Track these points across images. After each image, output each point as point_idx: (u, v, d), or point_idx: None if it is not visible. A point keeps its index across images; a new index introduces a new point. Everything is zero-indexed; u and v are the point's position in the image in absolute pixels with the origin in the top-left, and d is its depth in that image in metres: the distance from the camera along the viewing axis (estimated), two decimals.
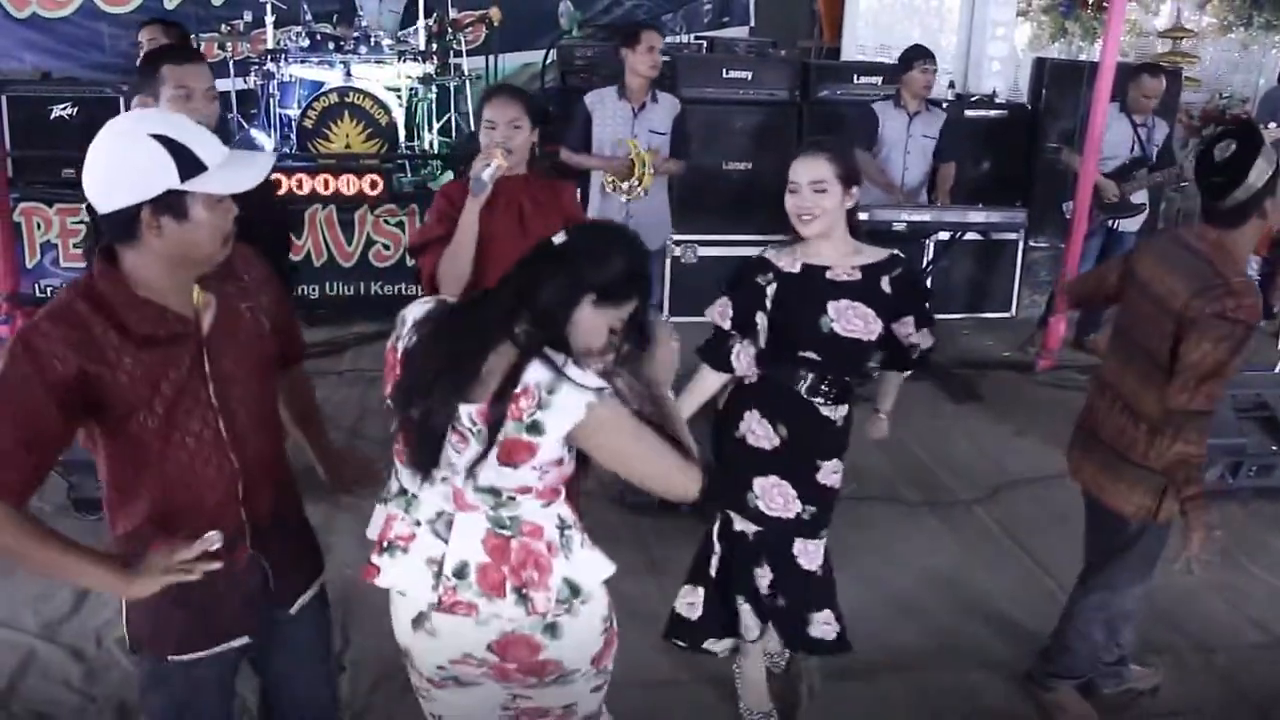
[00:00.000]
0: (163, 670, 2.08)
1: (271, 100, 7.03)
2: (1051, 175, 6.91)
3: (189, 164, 1.78)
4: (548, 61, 8.10)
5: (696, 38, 8.51)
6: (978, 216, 5.82)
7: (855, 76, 7.23)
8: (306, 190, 6.33)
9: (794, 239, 2.82)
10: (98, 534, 3.94)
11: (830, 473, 2.91)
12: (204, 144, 1.82)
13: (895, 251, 2.88)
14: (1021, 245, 7.20)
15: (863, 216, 5.07)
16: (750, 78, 6.87)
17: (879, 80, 7.08)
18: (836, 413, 2.87)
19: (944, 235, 6.04)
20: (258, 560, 2.06)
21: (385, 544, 2.03)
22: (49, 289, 6.33)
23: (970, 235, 6.17)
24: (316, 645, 2.36)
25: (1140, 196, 6.23)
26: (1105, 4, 8.72)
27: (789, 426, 2.85)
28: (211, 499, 1.97)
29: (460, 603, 1.94)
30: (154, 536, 1.91)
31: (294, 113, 6.86)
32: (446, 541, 1.96)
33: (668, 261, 6.71)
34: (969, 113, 7.35)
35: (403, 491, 2.03)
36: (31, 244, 6.29)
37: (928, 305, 2.93)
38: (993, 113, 7.50)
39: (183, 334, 1.89)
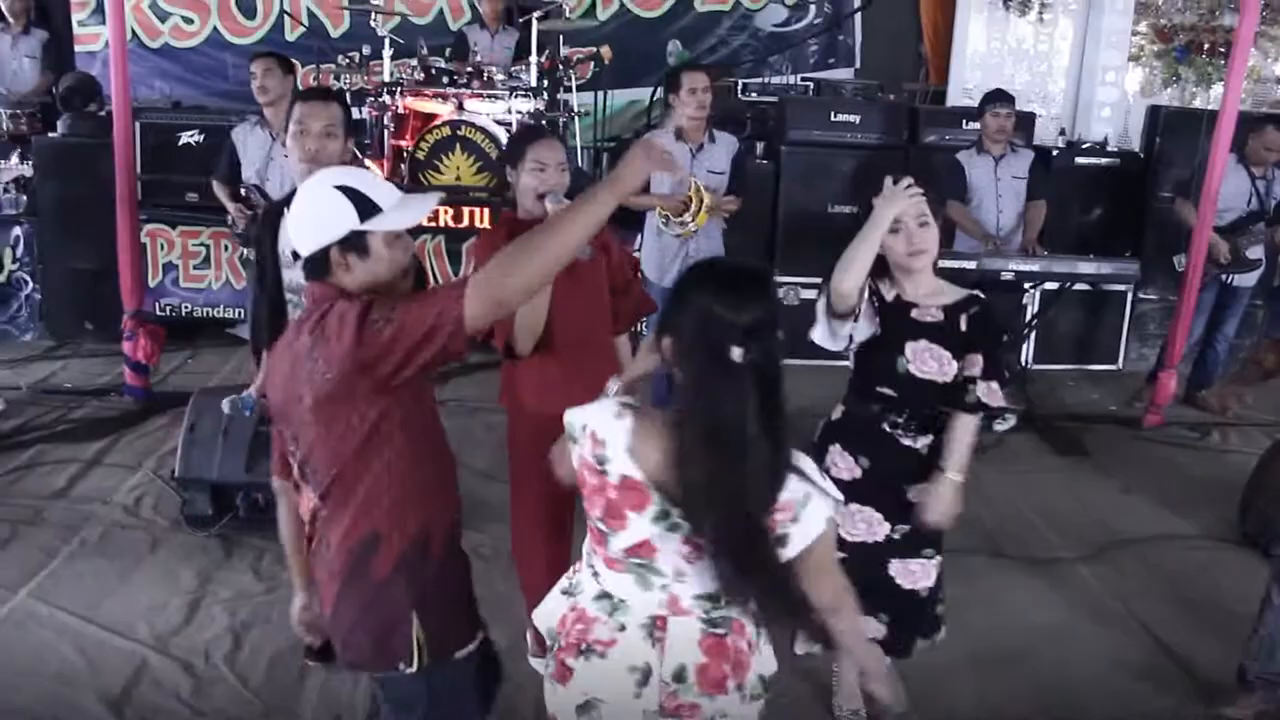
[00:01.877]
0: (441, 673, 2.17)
1: (385, 131, 7.19)
2: (1164, 225, 6.77)
3: (366, 207, 2.03)
4: (654, 98, 8.20)
5: (803, 79, 8.52)
6: (1088, 267, 5.72)
7: (964, 122, 7.17)
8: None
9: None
10: (207, 550, 4.11)
11: (920, 492, 2.92)
12: (379, 190, 2.06)
13: (975, 292, 2.91)
14: (1131, 297, 7.05)
15: (969, 265, 5.15)
16: (858, 121, 6.89)
17: None
18: (919, 442, 2.90)
19: (1052, 285, 5.94)
20: None
21: (583, 647, 1.97)
22: (168, 308, 6.58)
23: (1079, 285, 6.05)
24: None
25: (1256, 251, 6.05)
26: (1223, 50, 8.53)
27: (870, 457, 2.92)
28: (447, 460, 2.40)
29: (684, 705, 1.94)
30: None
31: (407, 144, 7.02)
32: (656, 646, 1.93)
33: None
34: (1079, 160, 7.24)
35: (605, 595, 1.98)
36: (155, 264, 6.56)
37: (1000, 355, 2.92)
38: (1104, 160, 7.38)
39: None
